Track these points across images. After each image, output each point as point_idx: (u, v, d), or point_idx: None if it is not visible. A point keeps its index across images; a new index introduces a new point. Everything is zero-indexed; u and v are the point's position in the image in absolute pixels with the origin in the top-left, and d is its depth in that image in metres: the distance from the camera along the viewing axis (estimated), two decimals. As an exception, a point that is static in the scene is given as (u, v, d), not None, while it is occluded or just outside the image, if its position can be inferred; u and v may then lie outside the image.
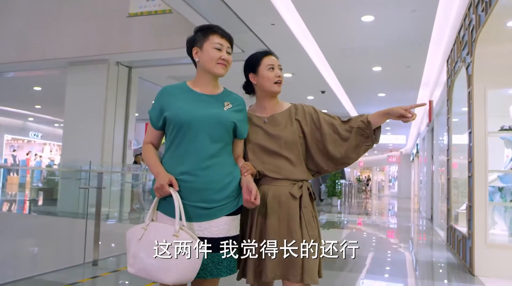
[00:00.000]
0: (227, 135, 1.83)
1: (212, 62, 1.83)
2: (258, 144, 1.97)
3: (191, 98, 1.83)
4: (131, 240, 1.73)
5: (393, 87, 10.29)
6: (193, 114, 1.77)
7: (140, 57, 8.50)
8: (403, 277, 4.73)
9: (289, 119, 2.00)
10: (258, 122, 2.01)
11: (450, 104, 6.44)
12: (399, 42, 7.00)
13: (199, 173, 1.76)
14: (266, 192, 1.92)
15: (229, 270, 1.78)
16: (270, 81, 1.98)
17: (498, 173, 5.01)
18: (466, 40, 4.97)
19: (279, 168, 1.93)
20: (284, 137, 1.95)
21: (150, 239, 1.68)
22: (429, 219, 11.07)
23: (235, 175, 1.84)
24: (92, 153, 8.29)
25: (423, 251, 6.71)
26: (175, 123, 1.79)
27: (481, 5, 4.16)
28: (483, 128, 4.60)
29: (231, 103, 1.88)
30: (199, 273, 1.70)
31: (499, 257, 4.39)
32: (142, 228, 1.72)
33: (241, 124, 1.88)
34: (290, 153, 1.94)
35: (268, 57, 2.02)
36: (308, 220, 1.89)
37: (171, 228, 1.68)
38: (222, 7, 5.88)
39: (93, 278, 3.89)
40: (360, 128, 1.92)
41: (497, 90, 4.81)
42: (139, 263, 1.68)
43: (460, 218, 5.87)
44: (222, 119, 1.80)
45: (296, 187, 1.92)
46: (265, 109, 2.04)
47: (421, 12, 5.79)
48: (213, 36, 1.84)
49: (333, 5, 5.81)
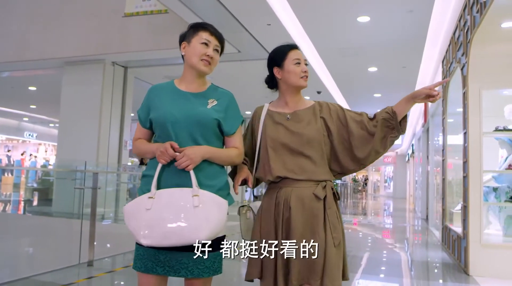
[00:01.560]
0: (211, 134, 1.79)
1: (196, 57, 1.81)
2: (279, 142, 1.89)
3: (175, 97, 1.81)
4: (136, 212, 1.68)
5: (389, 88, 10.32)
6: (173, 114, 1.75)
7: (136, 57, 8.50)
8: (398, 277, 4.75)
9: (313, 116, 1.93)
10: (279, 119, 1.94)
11: (445, 105, 6.47)
12: (395, 42, 7.03)
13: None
14: (289, 194, 1.84)
15: (212, 270, 1.73)
16: (297, 76, 1.92)
17: (493, 173, 5.04)
18: (461, 41, 4.99)
19: (301, 168, 1.85)
20: (307, 134, 1.88)
21: (168, 205, 1.65)
22: (425, 219, 11.12)
23: (220, 177, 1.80)
24: (87, 153, 8.27)
25: (419, 251, 6.73)
26: (156, 124, 1.79)
27: (476, 6, 4.19)
28: (478, 129, 4.63)
29: (217, 99, 1.83)
30: (179, 272, 1.69)
31: (493, 257, 4.42)
32: (148, 197, 1.68)
33: (226, 120, 1.82)
34: (313, 151, 1.87)
35: (295, 51, 1.96)
36: (332, 221, 1.82)
37: (187, 190, 1.67)
38: (218, 7, 5.89)
39: (88, 278, 3.88)
40: (385, 120, 1.86)
41: (492, 90, 4.84)
42: (159, 231, 1.62)
43: (455, 218, 5.90)
44: (203, 117, 1.76)
45: (320, 187, 1.85)
46: (288, 105, 1.97)
47: (416, 13, 5.82)
48: (202, 32, 1.83)
49: (329, 6, 5.83)
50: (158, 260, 1.70)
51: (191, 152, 1.69)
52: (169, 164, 1.72)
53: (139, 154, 1.86)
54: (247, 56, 8.13)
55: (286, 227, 1.81)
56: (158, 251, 1.70)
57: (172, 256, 1.70)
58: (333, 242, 1.78)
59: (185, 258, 1.69)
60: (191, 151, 1.69)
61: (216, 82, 1.97)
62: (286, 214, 1.82)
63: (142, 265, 1.72)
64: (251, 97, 12.26)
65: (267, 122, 1.96)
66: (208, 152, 1.75)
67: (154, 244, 1.63)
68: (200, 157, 1.71)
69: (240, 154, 1.88)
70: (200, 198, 1.65)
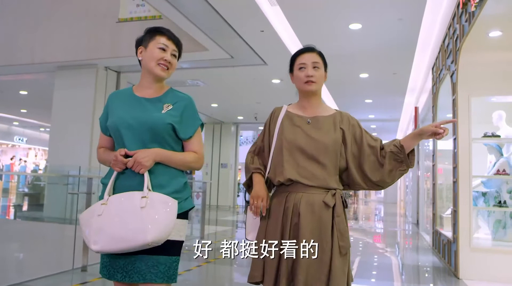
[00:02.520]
0: (167, 139, 1.76)
1: (153, 62, 1.79)
2: (296, 145, 1.88)
3: (130, 103, 1.80)
4: (89, 219, 1.67)
5: (380, 93, 10.44)
6: (126, 120, 1.74)
7: (129, 62, 8.48)
8: (389, 281, 4.81)
9: (333, 125, 1.93)
10: (299, 122, 1.94)
11: (435, 111, 6.58)
12: (386, 49, 7.13)
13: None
14: (299, 200, 1.83)
15: (167, 277, 1.68)
16: (301, 81, 1.94)
17: (482, 178, 5.14)
18: (451, 49, 5.10)
19: (314, 174, 1.84)
20: (325, 142, 1.87)
21: (117, 209, 1.64)
22: (415, 224, 11.23)
23: (175, 179, 1.76)
24: (80, 158, 8.24)
25: (409, 255, 6.81)
26: (111, 130, 1.79)
27: (465, 15, 4.29)
28: (467, 135, 4.73)
29: (173, 103, 1.80)
30: (132, 277, 1.66)
31: (483, 260, 4.51)
32: (101, 204, 1.68)
33: (181, 124, 1.79)
34: (328, 160, 1.86)
35: (302, 55, 1.98)
36: (340, 230, 1.82)
37: (137, 193, 1.65)
38: (212, 13, 5.93)
39: (82, 284, 3.87)
40: (393, 153, 1.88)
41: (481, 97, 4.95)
42: (108, 235, 1.61)
43: (445, 223, 6.00)
44: (156, 123, 1.73)
45: (330, 195, 1.84)
46: (306, 109, 1.98)
47: (407, 21, 5.92)
48: (160, 37, 1.82)
49: (322, 13, 5.90)
50: (117, 266, 1.69)
51: (142, 156, 1.67)
52: (124, 170, 1.72)
53: (102, 163, 1.86)
54: (240, 62, 8.17)
55: (294, 232, 1.80)
56: (117, 256, 1.69)
57: (128, 261, 1.68)
58: (340, 250, 1.78)
59: (138, 261, 1.66)
60: (142, 155, 1.68)
61: (209, 87, 1.97)
62: (294, 220, 1.81)
63: (106, 272, 1.72)
64: (242, 102, 12.37)
65: (285, 123, 1.95)
66: (160, 155, 1.72)
67: (104, 250, 1.62)
68: (151, 160, 1.69)
69: (198, 159, 1.84)
70: (149, 200, 1.63)
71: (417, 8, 5.52)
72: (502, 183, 4.95)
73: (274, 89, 10.11)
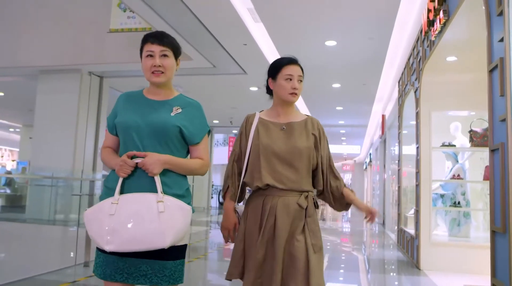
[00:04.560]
0: (174, 142, 1.77)
1: (147, 72, 1.78)
2: (272, 151, 1.97)
3: (141, 105, 1.80)
4: (99, 218, 1.65)
5: (350, 102, 11.16)
6: (136, 120, 1.74)
7: (112, 68, 8.75)
8: (357, 272, 5.41)
9: (305, 130, 2.03)
10: (274, 128, 2.02)
11: (401, 121, 7.28)
12: (357, 63, 7.79)
13: None
14: (276, 203, 1.93)
15: (173, 279, 1.70)
16: (285, 91, 2.00)
17: (440, 182, 5.83)
18: (415, 68, 5.78)
19: (289, 179, 1.94)
20: (299, 147, 1.97)
21: (131, 210, 1.63)
22: (381, 224, 11.99)
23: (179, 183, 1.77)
24: (63, 160, 8.43)
25: (376, 251, 7.47)
26: (119, 129, 1.79)
27: (426, 41, 4.96)
28: (428, 144, 5.41)
29: (182, 107, 1.81)
30: (138, 279, 1.67)
31: (441, 253, 5.17)
32: (111, 203, 1.66)
33: (189, 129, 1.78)
34: (302, 164, 1.97)
35: (289, 66, 2.02)
36: (312, 229, 1.94)
37: (151, 196, 1.66)
38: (200, 27, 6.38)
39: (87, 277, 4.23)
40: (335, 196, 2.08)
41: (440, 111, 5.65)
42: (122, 236, 1.60)
43: (409, 222, 6.69)
44: (165, 124, 1.73)
45: (303, 197, 1.95)
46: (280, 116, 2.06)
47: (376, 40, 6.59)
48: (146, 45, 1.80)
49: (301, 31, 6.48)
50: (117, 267, 1.68)
51: (150, 162, 1.67)
52: (134, 171, 1.71)
53: (105, 163, 1.85)
54: (221, 71, 8.65)
55: (270, 233, 1.91)
56: (119, 258, 1.67)
57: (131, 263, 1.68)
58: (313, 248, 1.89)
59: (144, 265, 1.67)
60: (150, 161, 1.67)
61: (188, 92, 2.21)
62: (271, 221, 1.91)
63: (101, 272, 1.70)
64: (218, 107, 12.79)
65: (260, 130, 2.02)
66: (169, 163, 1.72)
67: (117, 250, 1.61)
68: (159, 167, 1.69)
69: (203, 165, 1.84)
70: (165, 204, 1.64)
71: (385, 29, 6.19)
72: (457, 186, 5.65)
73: (251, 96, 10.64)
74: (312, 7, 5.65)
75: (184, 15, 6.00)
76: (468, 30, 4.06)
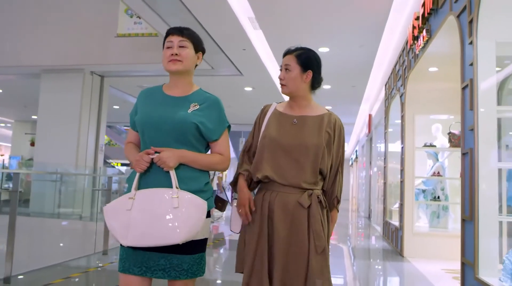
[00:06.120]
0: (191, 139, 1.75)
1: (165, 61, 1.80)
2: (278, 144, 1.90)
3: (159, 101, 1.81)
4: (117, 213, 1.68)
5: (340, 102, 11.73)
6: (153, 117, 1.75)
7: (114, 68, 9.12)
8: (347, 259, 5.99)
9: (319, 127, 1.93)
10: (285, 121, 1.95)
11: (387, 121, 7.87)
12: (348, 67, 8.35)
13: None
14: (274, 199, 1.87)
15: (191, 273, 1.71)
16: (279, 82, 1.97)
17: (422, 179, 6.43)
18: (401, 75, 6.35)
19: (290, 174, 1.87)
20: (307, 143, 1.88)
21: (147, 205, 1.65)
22: (367, 218, 12.62)
23: (198, 179, 1.76)
24: (66, 156, 8.80)
25: (363, 242, 8.08)
26: (138, 126, 1.80)
27: (411, 53, 5.53)
28: (412, 144, 6.00)
29: (200, 103, 1.79)
30: (156, 273, 1.68)
31: (422, 242, 5.79)
32: (129, 198, 1.68)
33: (207, 125, 1.76)
34: (308, 161, 1.88)
35: (284, 58, 2.03)
36: (316, 230, 1.83)
37: (166, 191, 1.66)
38: (202, 32, 6.84)
39: (106, 264, 4.71)
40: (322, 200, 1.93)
41: (423, 115, 6.25)
42: (137, 231, 1.62)
43: (394, 215, 7.30)
44: (182, 121, 1.72)
45: (306, 195, 1.85)
46: (293, 109, 1.99)
47: (366, 47, 7.16)
48: (167, 38, 1.83)
49: (296, 37, 6.97)
50: (136, 261, 1.68)
51: (165, 156, 1.68)
52: (150, 167, 1.72)
53: (128, 159, 1.87)
54: (218, 73, 9.11)
55: (270, 230, 1.87)
56: (137, 251, 1.69)
57: (150, 257, 1.68)
58: (316, 249, 1.81)
59: (162, 259, 1.68)
60: (166, 154, 1.68)
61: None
62: (270, 217, 1.87)
63: (121, 265, 1.71)
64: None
65: (271, 121, 1.97)
66: (184, 157, 1.72)
67: (133, 244, 1.62)
68: (175, 161, 1.69)
69: (223, 161, 1.81)
70: (180, 199, 1.64)
71: (375, 38, 6.75)
72: (437, 182, 6.26)
73: (245, 96, 11.14)
74: (308, 16, 6.17)
75: (190, 23, 6.46)
76: (448, 46, 4.61)
